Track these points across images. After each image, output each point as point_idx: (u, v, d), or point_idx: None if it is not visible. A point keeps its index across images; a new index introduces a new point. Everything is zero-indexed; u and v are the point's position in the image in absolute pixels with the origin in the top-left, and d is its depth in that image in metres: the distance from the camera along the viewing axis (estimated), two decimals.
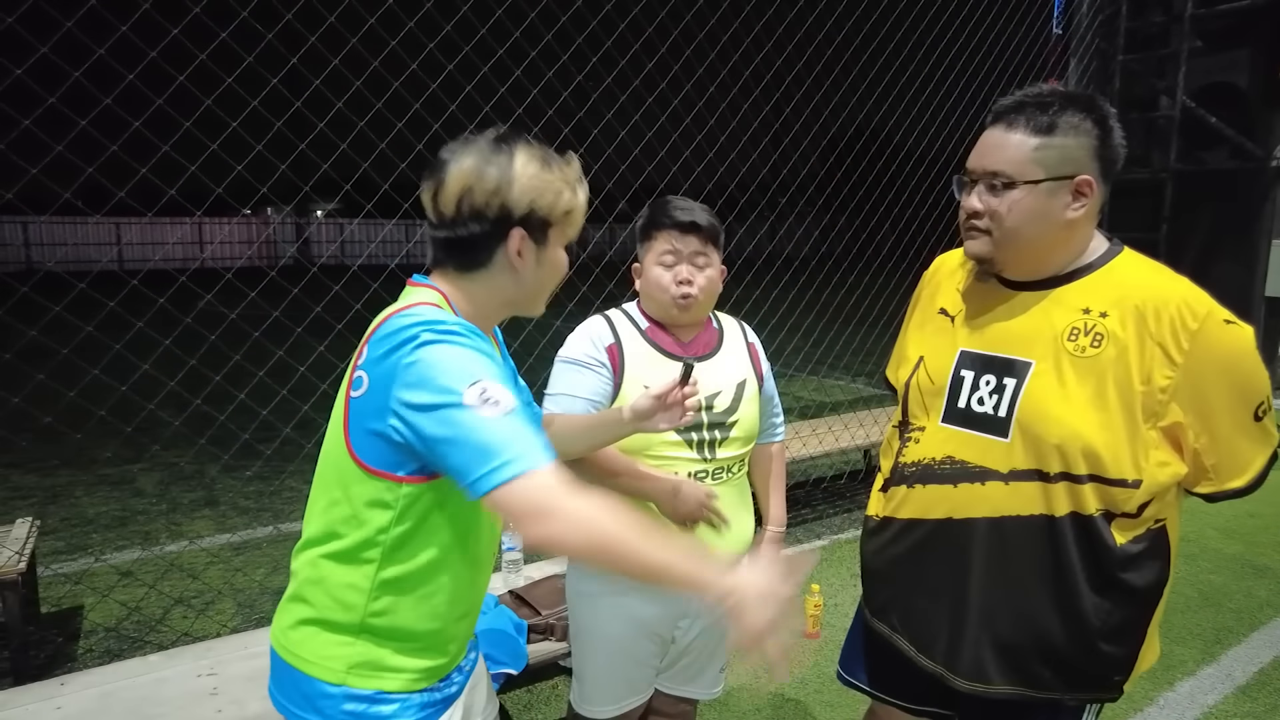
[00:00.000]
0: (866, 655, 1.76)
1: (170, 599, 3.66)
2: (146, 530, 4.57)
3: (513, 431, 1.11)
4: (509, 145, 1.26)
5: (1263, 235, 6.24)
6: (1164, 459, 1.34)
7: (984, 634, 1.45)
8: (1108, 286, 1.39)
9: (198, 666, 2.34)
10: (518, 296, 1.33)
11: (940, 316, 1.60)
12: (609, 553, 1.10)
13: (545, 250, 1.31)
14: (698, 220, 1.77)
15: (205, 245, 26.71)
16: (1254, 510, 5.17)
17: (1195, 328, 1.29)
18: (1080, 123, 1.36)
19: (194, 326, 3.00)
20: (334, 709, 1.28)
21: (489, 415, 1.11)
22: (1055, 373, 1.38)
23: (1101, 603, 1.38)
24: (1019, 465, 1.40)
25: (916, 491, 1.53)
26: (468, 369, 1.14)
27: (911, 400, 1.59)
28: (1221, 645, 3.43)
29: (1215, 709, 2.96)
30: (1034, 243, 1.41)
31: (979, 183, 1.42)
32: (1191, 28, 6.28)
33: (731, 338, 1.91)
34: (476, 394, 1.12)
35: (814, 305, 6.07)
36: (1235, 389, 1.33)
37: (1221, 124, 6.25)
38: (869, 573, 1.69)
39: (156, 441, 5.06)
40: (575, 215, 1.33)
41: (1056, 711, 1.48)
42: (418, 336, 1.16)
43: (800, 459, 4.74)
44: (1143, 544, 1.37)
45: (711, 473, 1.80)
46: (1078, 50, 7.09)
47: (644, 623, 1.83)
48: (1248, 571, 4.20)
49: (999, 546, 1.43)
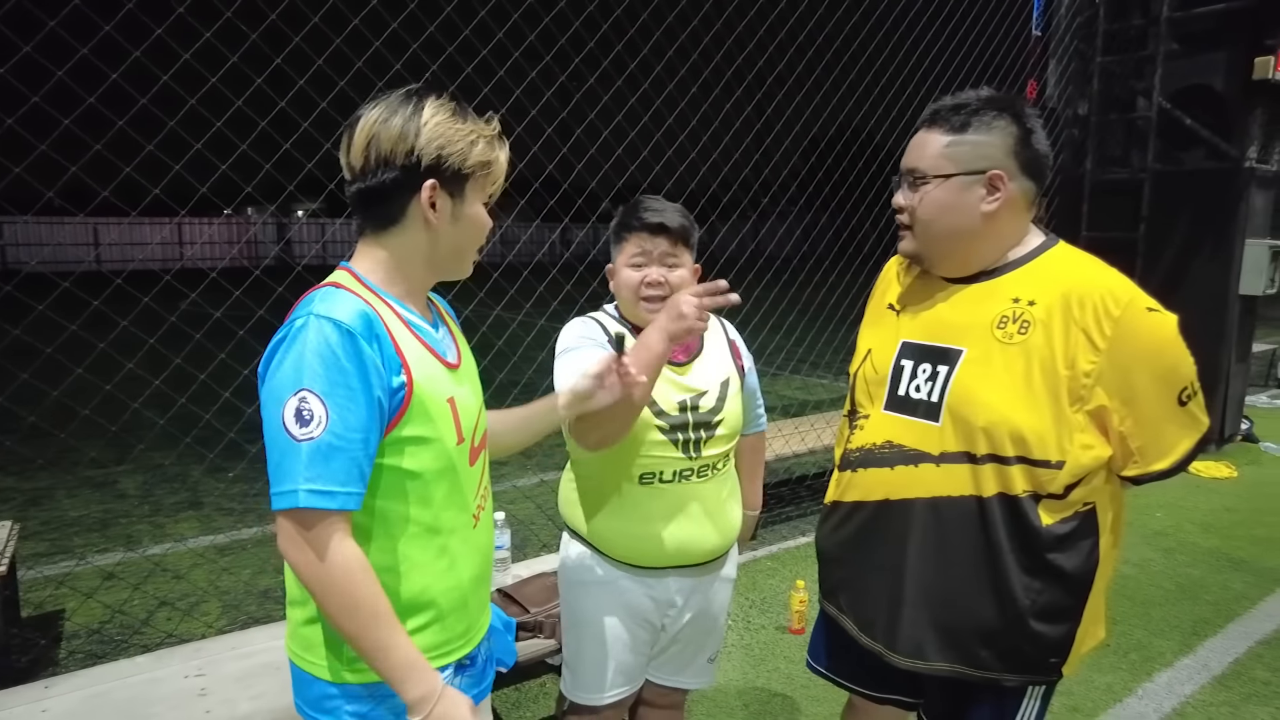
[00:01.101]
0: (826, 642, 1.83)
1: (155, 600, 3.64)
2: (129, 532, 4.54)
3: (309, 457, 1.13)
4: (420, 96, 1.25)
5: (1237, 234, 6.32)
6: (1089, 442, 1.40)
7: (921, 613, 1.51)
8: (1038, 277, 1.47)
9: (186, 667, 2.34)
10: (437, 255, 1.31)
11: (888, 311, 1.68)
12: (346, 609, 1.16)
13: (462, 205, 1.28)
14: (666, 222, 1.78)
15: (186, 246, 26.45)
16: (1231, 505, 5.27)
17: (1118, 314, 1.35)
18: (994, 121, 1.45)
19: (178, 325, 2.99)
20: (339, 709, 1.29)
21: (295, 433, 1.13)
22: (984, 359, 1.45)
23: (1031, 582, 1.43)
24: (949, 448, 1.47)
25: (859, 475, 1.61)
26: (299, 372, 1.15)
27: (859, 390, 1.67)
28: (1199, 637, 3.49)
29: (1192, 699, 3.02)
30: (951, 235, 1.49)
31: (903, 181, 1.54)
32: (1168, 31, 6.36)
33: (713, 336, 1.93)
34: (293, 407, 1.13)
35: (796, 304, 6.11)
36: (1158, 374, 1.39)
37: (1198, 125, 6.33)
38: (822, 556, 1.77)
39: (140, 442, 5.02)
40: (494, 170, 1.31)
41: (1001, 694, 1.53)
42: (288, 323, 1.20)
43: (784, 456, 4.78)
44: (1070, 526, 1.43)
45: (698, 470, 1.82)
46: (1057, 51, 7.17)
47: (636, 610, 1.87)
48: (1224, 565, 4.28)
49: (934, 527, 1.49)
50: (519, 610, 2.69)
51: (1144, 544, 4.49)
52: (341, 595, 1.15)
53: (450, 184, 1.26)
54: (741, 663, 3.25)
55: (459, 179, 1.26)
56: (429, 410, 1.25)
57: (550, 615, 2.59)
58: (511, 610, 2.69)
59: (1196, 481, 5.77)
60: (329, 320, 1.16)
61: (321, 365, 1.14)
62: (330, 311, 1.17)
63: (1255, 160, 6.23)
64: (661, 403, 1.78)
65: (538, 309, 3.94)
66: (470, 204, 1.30)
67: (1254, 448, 6.74)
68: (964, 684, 1.53)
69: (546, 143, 3.99)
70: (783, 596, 3.80)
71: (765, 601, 3.80)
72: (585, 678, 1.91)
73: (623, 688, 1.92)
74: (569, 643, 1.96)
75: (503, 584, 2.90)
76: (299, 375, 1.14)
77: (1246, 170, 6.21)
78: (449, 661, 1.35)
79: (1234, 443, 6.77)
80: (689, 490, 1.81)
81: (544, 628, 2.60)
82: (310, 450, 1.13)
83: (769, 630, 3.52)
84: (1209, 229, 6.42)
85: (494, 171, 1.31)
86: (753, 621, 3.61)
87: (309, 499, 1.13)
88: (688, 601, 1.92)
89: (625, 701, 1.96)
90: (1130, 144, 6.90)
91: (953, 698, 1.59)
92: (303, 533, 1.14)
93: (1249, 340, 6.86)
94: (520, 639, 2.59)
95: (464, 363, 1.42)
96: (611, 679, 1.89)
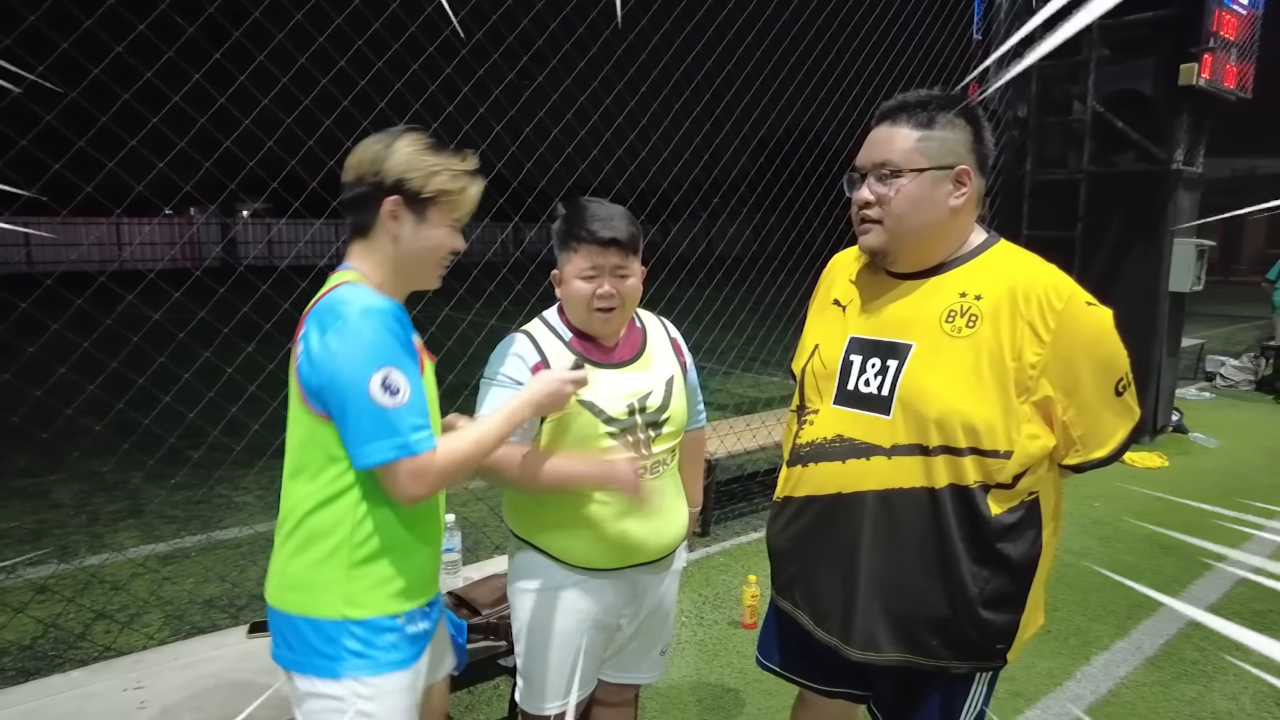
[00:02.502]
0: (778, 638, 1.84)
1: (92, 613, 3.52)
2: (65, 543, 4.38)
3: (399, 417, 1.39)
4: (405, 132, 1.50)
5: (1167, 234, 6.58)
6: (1035, 432, 1.44)
7: (874, 604, 1.54)
8: (983, 273, 1.51)
9: (125, 680, 2.27)
10: (402, 263, 1.52)
11: (834, 307, 1.71)
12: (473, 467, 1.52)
13: (424, 225, 1.50)
14: (618, 235, 1.77)
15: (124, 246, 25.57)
16: (1162, 493, 5.48)
17: (1060, 308, 1.41)
18: (954, 119, 1.50)
19: (115, 328, 2.89)
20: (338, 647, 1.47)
21: (386, 402, 1.38)
22: (933, 353, 1.48)
23: (980, 571, 1.47)
24: (900, 440, 1.50)
25: (810, 470, 1.63)
26: (375, 353, 1.38)
27: (807, 385, 1.69)
28: (1133, 620, 3.63)
29: (1127, 680, 3.14)
30: (922, 229, 1.52)
31: (868, 176, 1.54)
32: (1100, 37, 6.58)
33: (655, 336, 1.95)
34: (379, 380, 1.38)
35: (747, 303, 6.17)
36: (1098, 365, 1.45)
37: (1129, 129, 6.57)
38: (773, 552, 1.78)
39: (75, 450, 4.84)
40: (459, 200, 1.52)
41: (950, 682, 1.56)
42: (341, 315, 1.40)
43: (735, 454, 4.83)
44: (1017, 515, 1.48)
45: (650, 467, 1.84)
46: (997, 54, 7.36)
47: (589, 615, 1.86)
48: (1156, 551, 4.45)
49: (886, 519, 1.52)
50: (470, 613, 2.67)
51: (1083, 533, 4.65)
52: (466, 467, 1.49)
53: (412, 203, 1.48)
54: (695, 658, 3.27)
55: (420, 201, 1.48)
56: (426, 398, 1.49)
57: (502, 617, 2.58)
58: (462, 613, 2.67)
59: (1131, 472, 5.99)
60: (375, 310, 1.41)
61: (394, 343, 1.41)
62: (374, 302, 1.43)
63: (1182, 163, 6.48)
64: (609, 409, 1.78)
65: (488, 309, 3.90)
66: (432, 224, 1.51)
67: (1184, 438, 7.02)
68: (913, 674, 1.56)
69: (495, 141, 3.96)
70: (735, 592, 3.84)
71: (718, 597, 3.83)
72: (540, 686, 1.89)
73: (577, 694, 1.91)
74: (522, 652, 1.94)
75: (453, 586, 2.87)
76: (377, 355, 1.39)
77: (1174, 172, 6.46)
78: (414, 606, 1.55)
79: (1165, 434, 7.04)
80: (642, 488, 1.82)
81: (496, 629, 2.58)
82: (402, 412, 1.40)
83: (722, 625, 3.55)
84: (1140, 228, 6.67)
85: (458, 200, 1.52)
86: (706, 617, 3.63)
87: (416, 445, 1.41)
88: (644, 598, 1.93)
89: (581, 705, 1.95)
90: (1067, 146, 7.12)
91: (902, 688, 1.62)
92: (420, 470, 1.41)
93: (1179, 335, 7.14)
94: (472, 641, 2.57)
95: (427, 363, 1.62)
96: (567, 686, 1.88)
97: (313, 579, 1.48)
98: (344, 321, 1.39)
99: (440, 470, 1.44)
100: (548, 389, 1.62)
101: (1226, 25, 6.26)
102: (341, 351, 1.38)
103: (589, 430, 1.77)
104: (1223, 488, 5.65)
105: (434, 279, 1.58)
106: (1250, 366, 9.67)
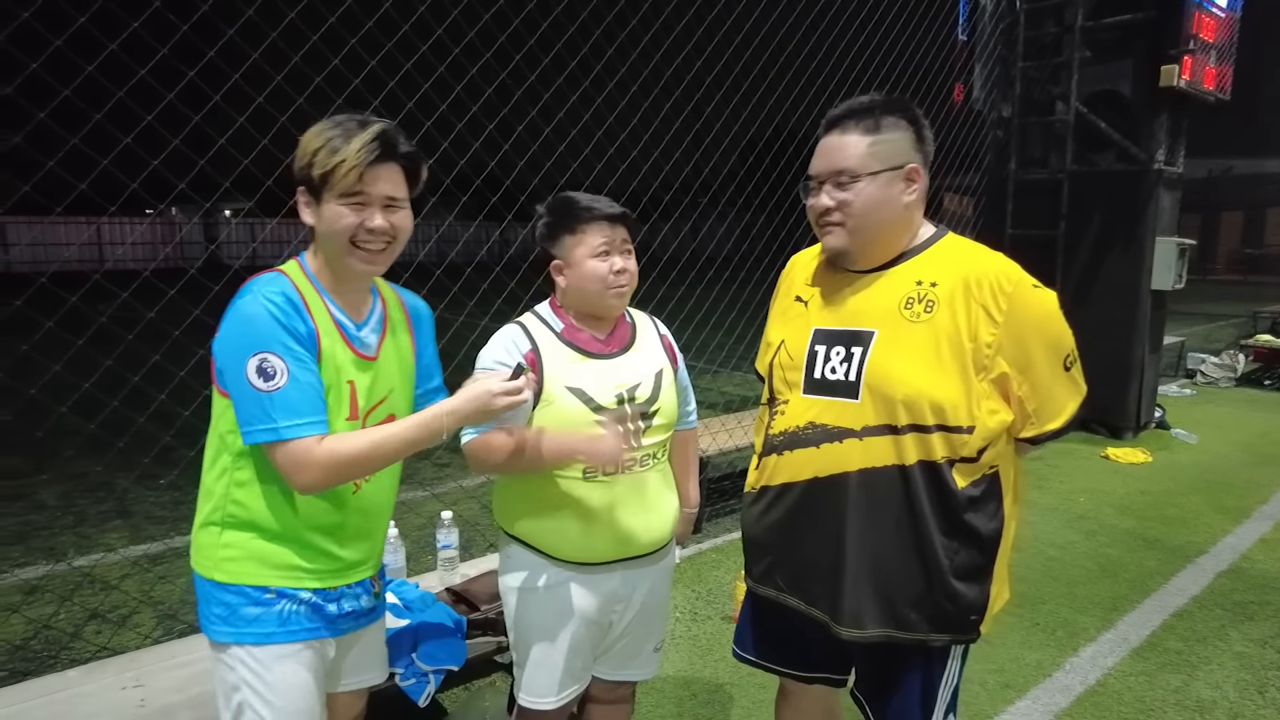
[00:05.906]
0: (754, 628, 1.89)
1: (84, 613, 3.50)
2: (52, 544, 4.34)
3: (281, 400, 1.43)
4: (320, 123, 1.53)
5: (1147, 233, 6.66)
6: (994, 407, 1.55)
7: (860, 579, 1.60)
8: (937, 262, 1.61)
9: (122, 679, 2.27)
10: (325, 249, 1.56)
11: (796, 304, 1.79)
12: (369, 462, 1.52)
13: (323, 207, 1.51)
14: (626, 211, 1.85)
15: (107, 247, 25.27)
16: (1144, 488, 5.56)
17: (1010, 290, 1.52)
18: (898, 122, 1.60)
19: (109, 327, 2.87)
20: (209, 607, 1.56)
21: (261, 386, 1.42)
22: (894, 338, 1.58)
23: (950, 543, 1.56)
24: (870, 422, 1.58)
25: (785, 458, 1.70)
26: (253, 338, 1.43)
27: (776, 379, 1.77)
28: (1118, 612, 3.69)
29: (1114, 670, 3.19)
30: (882, 227, 1.61)
31: (825, 183, 1.63)
32: (1081, 38, 6.66)
33: (645, 331, 1.98)
34: (255, 365, 1.42)
35: (736, 302, 6.21)
36: (1047, 342, 1.56)
37: (1109, 129, 6.66)
38: (750, 542, 1.83)
39: (60, 451, 4.80)
40: (338, 171, 1.47)
41: (928, 656, 1.64)
42: (234, 301, 1.48)
43: (726, 450, 4.86)
44: (980, 487, 1.57)
45: (640, 460, 1.86)
46: (981, 56, 7.44)
47: (580, 611, 1.87)
48: (1139, 544, 4.52)
49: (864, 498, 1.59)
50: (468, 609, 2.69)
51: (1067, 527, 4.71)
52: (358, 466, 1.49)
53: (311, 189, 1.51)
54: (689, 653, 3.30)
55: (314, 185, 1.50)
56: (326, 383, 1.53)
57: (500, 613, 2.59)
58: (460, 609, 2.69)
59: (1115, 467, 6.07)
60: (263, 296, 1.46)
61: (275, 328, 1.44)
62: (265, 289, 1.47)
63: (1163, 163, 6.58)
64: (598, 398, 1.80)
65: (481, 308, 3.91)
66: (325, 204, 1.50)
67: (1166, 434, 7.12)
68: (893, 650, 1.62)
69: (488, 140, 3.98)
70: (727, 587, 3.87)
71: (711, 593, 3.86)
72: (534, 682, 1.91)
73: (571, 688, 1.93)
74: (516, 648, 1.96)
75: (451, 583, 2.89)
76: (256, 340, 1.43)
77: (1155, 172, 6.55)
78: (292, 586, 1.57)
79: (1148, 430, 7.14)
80: (632, 481, 1.85)
81: (495, 625, 2.60)
82: (275, 397, 1.43)
83: (715, 621, 3.58)
84: (1122, 228, 6.75)
85: (337, 173, 1.46)
86: (699, 613, 3.66)
87: (285, 432, 1.43)
88: (635, 594, 1.94)
89: (574, 701, 1.97)
90: (1050, 146, 7.20)
91: (882, 666, 1.68)
92: (296, 457, 1.44)
93: (1160, 333, 7.23)
94: (471, 637, 2.59)
95: (382, 358, 1.66)
96: (561, 681, 1.90)
97: (198, 539, 1.60)
98: (233, 307, 1.46)
99: (321, 463, 1.44)
100: (476, 400, 1.56)
101: (1206, 28, 6.36)
102: (229, 335, 1.46)
103: (579, 419, 1.78)
104: (1203, 482, 5.74)
105: (355, 261, 1.53)
106: (1230, 364, 9.82)
